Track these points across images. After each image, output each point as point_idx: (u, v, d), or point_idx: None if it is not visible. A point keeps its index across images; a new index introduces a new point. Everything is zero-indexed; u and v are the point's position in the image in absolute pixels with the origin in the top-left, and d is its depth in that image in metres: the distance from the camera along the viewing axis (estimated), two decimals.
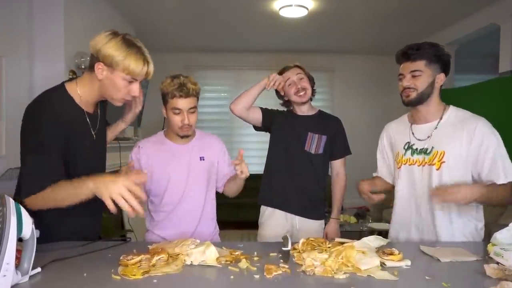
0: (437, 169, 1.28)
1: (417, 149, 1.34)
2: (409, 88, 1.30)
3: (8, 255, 0.80)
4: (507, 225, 1.09)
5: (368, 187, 1.44)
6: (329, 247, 1.06)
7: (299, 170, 1.76)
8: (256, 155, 4.86)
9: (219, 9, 3.47)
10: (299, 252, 1.07)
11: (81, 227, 1.22)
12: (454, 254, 1.08)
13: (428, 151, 1.31)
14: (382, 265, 0.98)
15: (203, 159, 1.48)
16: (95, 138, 1.23)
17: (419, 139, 1.35)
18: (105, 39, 1.10)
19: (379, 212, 4.24)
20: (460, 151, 1.26)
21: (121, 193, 0.93)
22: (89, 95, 1.18)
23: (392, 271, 0.95)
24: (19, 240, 0.85)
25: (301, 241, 1.12)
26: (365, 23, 3.88)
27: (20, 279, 0.85)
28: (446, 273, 0.97)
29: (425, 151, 1.32)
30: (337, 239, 1.16)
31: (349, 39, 4.48)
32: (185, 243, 1.06)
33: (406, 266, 1.00)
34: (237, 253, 1.07)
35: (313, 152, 1.76)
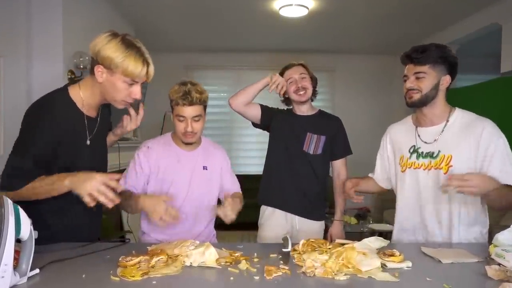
0: (445, 173, 1.26)
1: (423, 152, 1.32)
2: (412, 89, 1.28)
3: (6, 256, 0.79)
4: (508, 226, 1.09)
5: (350, 185, 1.46)
6: (329, 249, 1.06)
7: (298, 170, 1.75)
8: (256, 155, 4.87)
9: (219, 9, 3.46)
10: (300, 253, 1.07)
11: (80, 229, 1.21)
12: (455, 255, 1.08)
13: (434, 155, 1.29)
14: (383, 267, 0.98)
15: (206, 169, 1.48)
16: (90, 143, 1.21)
17: (426, 142, 1.32)
18: (104, 40, 1.09)
19: (380, 213, 4.23)
20: (467, 154, 1.24)
21: (98, 188, 0.99)
22: (91, 98, 1.17)
23: (393, 272, 0.95)
24: (17, 241, 0.84)
25: (302, 242, 1.11)
26: (365, 23, 3.87)
27: (18, 280, 0.85)
28: (447, 274, 0.96)
29: (431, 155, 1.30)
30: (338, 240, 1.15)
31: (350, 38, 4.47)
32: (185, 244, 1.06)
33: (407, 267, 0.99)
34: (236, 254, 1.06)
35: (311, 152, 1.75)
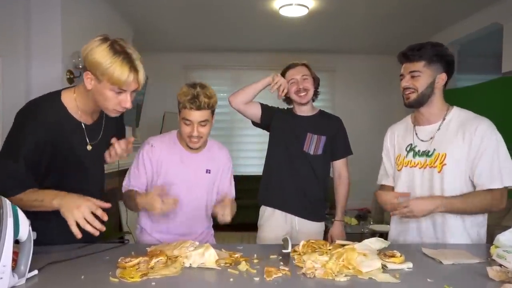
0: (439, 172, 1.26)
1: (419, 151, 1.32)
2: (408, 88, 1.29)
3: (4, 257, 0.79)
4: (510, 227, 1.08)
5: (392, 196, 1.28)
6: (330, 250, 1.06)
7: (298, 170, 1.74)
8: (256, 156, 4.85)
9: (219, 8, 3.45)
10: (300, 254, 1.07)
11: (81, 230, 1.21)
12: (456, 256, 1.07)
13: (430, 153, 1.29)
14: (383, 268, 0.97)
15: (209, 172, 1.46)
16: (90, 149, 1.18)
17: (422, 140, 1.33)
18: (92, 45, 1.04)
19: (380, 213, 4.21)
20: (461, 153, 1.24)
21: (85, 217, 0.98)
22: (85, 104, 1.13)
23: (393, 273, 0.94)
24: (16, 242, 0.84)
25: (302, 243, 1.11)
26: (366, 22, 3.86)
27: (17, 281, 0.85)
28: (448, 275, 0.96)
29: (427, 154, 1.30)
30: (338, 241, 1.15)
31: (350, 38, 4.47)
32: (184, 245, 1.05)
33: (408, 268, 0.99)
34: (236, 256, 1.06)
35: (311, 153, 1.74)
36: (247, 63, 5.02)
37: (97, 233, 0.99)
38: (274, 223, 1.76)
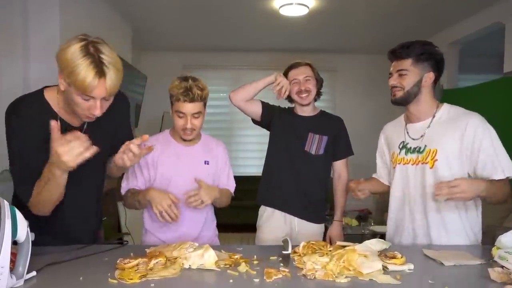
0: (431, 168, 1.27)
1: (411, 148, 1.34)
2: (395, 87, 1.31)
3: (2, 258, 0.78)
4: (511, 228, 1.08)
5: (353, 185, 1.44)
6: (330, 251, 1.05)
7: (299, 170, 1.73)
8: (256, 156, 4.84)
9: (218, 8, 3.45)
10: (300, 255, 1.06)
11: (80, 231, 1.19)
12: (458, 257, 1.06)
13: (421, 150, 1.30)
14: (384, 269, 0.97)
15: (208, 163, 1.46)
16: None
17: (413, 138, 1.34)
18: (67, 44, 0.96)
19: (381, 215, 4.21)
20: (452, 148, 1.25)
21: (76, 155, 0.91)
22: (65, 105, 1.07)
23: (394, 275, 0.94)
24: (14, 243, 0.83)
25: (302, 244, 1.11)
26: (367, 22, 3.85)
27: (15, 283, 0.84)
28: (449, 277, 0.95)
29: (418, 150, 1.31)
30: (339, 242, 1.14)
31: (351, 38, 4.46)
32: (183, 246, 1.05)
33: (409, 270, 0.98)
34: (236, 257, 1.05)
35: (313, 153, 1.73)
36: (247, 63, 5.01)
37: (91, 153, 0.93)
38: (273, 224, 1.75)
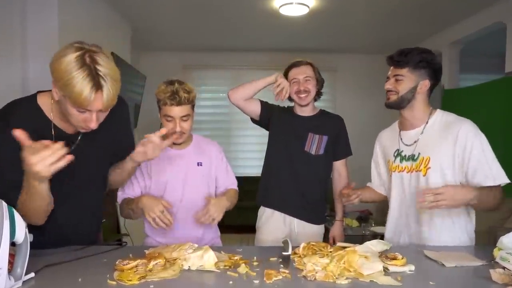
0: (424, 175, 1.28)
1: (405, 155, 1.35)
2: (390, 90, 1.33)
3: (0, 259, 0.78)
4: None
5: (346, 191, 1.47)
6: (330, 252, 1.05)
7: (299, 170, 1.72)
8: (255, 156, 4.83)
9: (218, 7, 3.44)
10: (300, 256, 1.05)
11: (80, 233, 1.18)
12: (459, 258, 1.06)
13: (415, 157, 1.31)
14: (385, 270, 0.96)
15: (201, 165, 1.46)
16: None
17: (407, 144, 1.35)
18: (62, 52, 0.91)
19: (382, 215, 4.19)
20: (445, 156, 1.25)
21: (48, 165, 0.85)
22: (59, 113, 1.03)
23: (395, 276, 0.93)
24: (12, 244, 0.83)
25: (302, 245, 1.10)
26: (367, 22, 3.84)
27: (13, 284, 0.83)
28: (451, 278, 0.95)
29: (412, 158, 1.32)
30: (339, 243, 1.14)
31: (351, 37, 4.45)
32: (183, 247, 1.04)
33: (409, 271, 0.98)
34: (236, 258, 1.05)
35: (313, 153, 1.72)
36: (247, 63, 5.00)
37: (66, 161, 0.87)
38: (272, 225, 1.74)
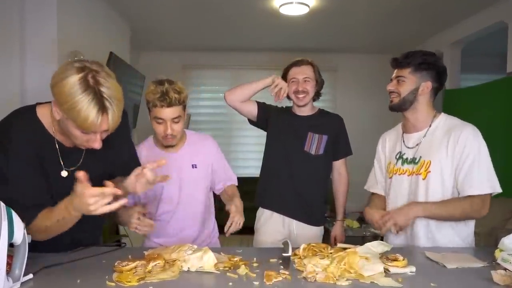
0: (424, 179, 1.27)
1: (407, 158, 1.34)
2: (393, 92, 1.33)
3: None
4: None
5: (379, 216, 1.31)
6: (331, 253, 1.04)
7: (298, 171, 1.71)
8: (255, 157, 4.82)
9: (218, 7, 3.43)
10: (300, 258, 1.05)
11: (82, 235, 1.17)
12: (460, 260, 1.05)
13: (416, 161, 1.31)
14: (386, 272, 0.96)
15: (195, 167, 1.43)
16: (68, 175, 1.04)
17: (408, 147, 1.35)
18: (63, 73, 0.89)
19: None
20: (445, 160, 1.25)
21: (102, 205, 0.88)
22: (60, 128, 1.01)
23: (396, 277, 0.93)
24: (11, 245, 0.82)
25: (302, 246, 1.09)
26: (368, 21, 3.83)
27: (11, 286, 0.83)
28: (452, 279, 0.94)
29: (413, 161, 1.32)
30: (340, 245, 1.13)
31: (352, 37, 4.44)
32: (182, 248, 1.03)
33: (410, 272, 0.97)
34: (235, 259, 1.04)
35: (313, 153, 1.71)
36: (247, 62, 4.99)
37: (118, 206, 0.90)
38: (271, 227, 1.73)
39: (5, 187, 0.96)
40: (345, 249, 1.05)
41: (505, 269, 0.95)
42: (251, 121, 1.82)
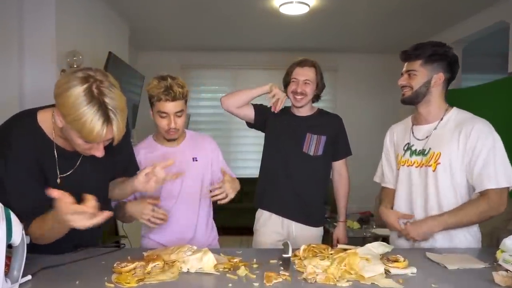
0: (433, 171, 1.26)
1: (416, 150, 1.33)
2: (404, 86, 1.32)
3: None
4: None
5: (395, 218, 1.33)
6: (331, 254, 1.04)
7: (297, 172, 1.70)
8: (254, 158, 4.81)
9: (217, 6, 3.43)
10: (300, 259, 1.04)
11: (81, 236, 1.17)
12: (461, 261, 1.05)
13: (425, 152, 1.30)
14: (386, 273, 0.96)
15: (196, 160, 1.45)
16: (59, 182, 1.03)
17: (418, 138, 1.34)
18: (67, 84, 0.89)
19: None
20: (455, 153, 1.24)
21: (77, 223, 0.85)
22: (62, 134, 1.01)
23: (397, 278, 0.92)
24: (9, 246, 0.82)
25: (302, 247, 1.09)
26: (368, 21, 3.83)
27: (9, 287, 0.83)
28: (453, 280, 0.94)
29: (423, 152, 1.31)
30: (340, 246, 1.13)
31: (352, 37, 4.43)
32: (182, 249, 1.03)
33: (411, 273, 0.97)
34: (235, 260, 1.04)
35: (312, 153, 1.70)
36: (247, 62, 4.98)
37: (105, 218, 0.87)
38: (270, 228, 1.72)
39: (3, 192, 0.95)
40: (345, 250, 1.04)
41: (507, 270, 0.94)
42: (249, 124, 1.82)
